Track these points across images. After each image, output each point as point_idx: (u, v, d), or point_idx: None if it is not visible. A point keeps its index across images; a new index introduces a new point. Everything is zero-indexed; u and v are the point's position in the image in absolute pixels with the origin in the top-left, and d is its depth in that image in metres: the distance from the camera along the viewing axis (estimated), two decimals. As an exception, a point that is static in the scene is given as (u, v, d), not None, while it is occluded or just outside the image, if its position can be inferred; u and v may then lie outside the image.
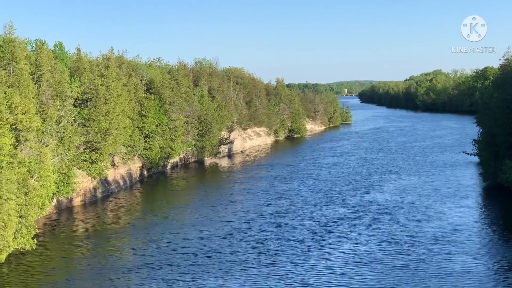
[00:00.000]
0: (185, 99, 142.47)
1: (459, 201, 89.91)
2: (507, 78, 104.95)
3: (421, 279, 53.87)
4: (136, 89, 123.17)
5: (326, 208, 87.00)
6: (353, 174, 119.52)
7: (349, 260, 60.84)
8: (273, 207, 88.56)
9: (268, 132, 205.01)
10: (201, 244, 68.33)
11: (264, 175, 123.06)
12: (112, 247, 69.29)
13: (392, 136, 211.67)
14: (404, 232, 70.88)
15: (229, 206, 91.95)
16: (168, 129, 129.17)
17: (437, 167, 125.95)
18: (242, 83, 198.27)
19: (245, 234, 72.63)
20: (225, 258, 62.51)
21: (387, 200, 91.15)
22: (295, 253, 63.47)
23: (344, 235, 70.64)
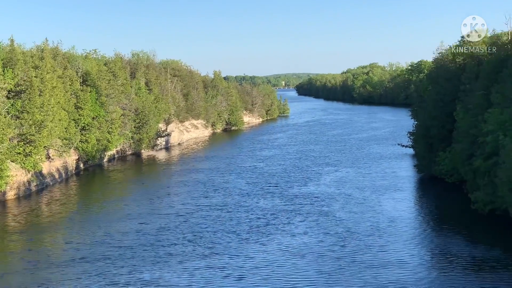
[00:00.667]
0: (122, 92, 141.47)
1: (394, 193, 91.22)
2: (441, 71, 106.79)
3: (357, 270, 54.55)
4: (71, 81, 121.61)
5: (263, 200, 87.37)
6: (290, 167, 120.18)
7: (286, 252, 61.19)
8: (210, 200, 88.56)
9: (206, 124, 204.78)
10: (138, 237, 68.06)
11: (201, 168, 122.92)
12: (46, 241, 68.44)
13: (329, 129, 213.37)
14: (340, 224, 71.60)
15: (166, 198, 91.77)
16: (105, 121, 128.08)
17: (373, 159, 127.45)
18: (179, 75, 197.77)
19: (182, 226, 72.49)
20: (162, 251, 62.36)
21: (324, 192, 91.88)
22: (232, 246, 63.65)
23: (281, 227, 71.03)
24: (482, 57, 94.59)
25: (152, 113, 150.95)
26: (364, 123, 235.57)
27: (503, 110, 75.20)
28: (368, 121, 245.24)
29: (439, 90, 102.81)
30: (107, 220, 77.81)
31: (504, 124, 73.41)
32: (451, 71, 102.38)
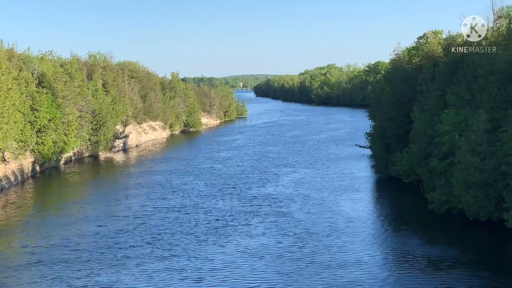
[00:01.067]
0: (79, 93, 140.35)
1: (352, 193, 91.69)
2: (397, 72, 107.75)
3: (316, 271, 54.72)
4: (27, 83, 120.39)
5: (222, 202, 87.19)
6: (249, 168, 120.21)
7: (244, 253, 61.18)
8: (168, 202, 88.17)
9: (164, 126, 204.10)
10: (95, 239, 67.49)
11: (159, 169, 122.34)
12: (2, 245, 67.50)
13: (287, 130, 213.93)
14: (299, 225, 71.75)
15: (124, 200, 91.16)
16: (62, 123, 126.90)
17: (331, 160, 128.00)
18: (137, 77, 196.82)
19: (140, 229, 72.04)
20: (120, 253, 61.92)
21: (282, 193, 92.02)
22: (190, 248, 63.43)
23: (240, 229, 71.00)
24: (438, 58, 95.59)
25: (109, 115, 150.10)
26: (322, 124, 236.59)
27: (458, 111, 76.05)
28: (326, 122, 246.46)
29: (395, 91, 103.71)
30: (64, 223, 76.92)
31: (459, 124, 74.23)
32: (407, 72, 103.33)
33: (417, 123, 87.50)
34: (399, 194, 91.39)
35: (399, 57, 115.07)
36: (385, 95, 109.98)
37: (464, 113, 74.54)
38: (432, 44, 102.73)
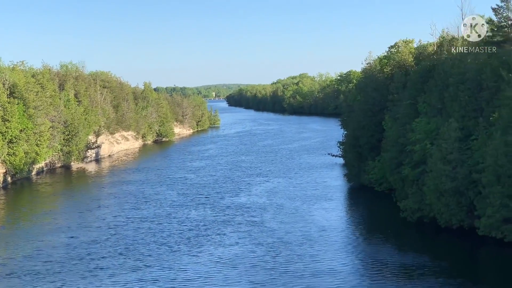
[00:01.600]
0: (51, 103, 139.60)
1: (325, 202, 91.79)
2: (369, 81, 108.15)
3: (289, 280, 54.71)
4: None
5: (195, 211, 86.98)
6: (222, 178, 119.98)
7: (217, 263, 60.99)
8: (141, 212, 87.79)
9: (136, 136, 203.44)
10: (67, 250, 66.98)
11: (131, 179, 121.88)
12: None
13: (260, 139, 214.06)
14: (272, 234, 71.71)
15: (96, 211, 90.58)
16: (33, 134, 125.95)
17: (303, 169, 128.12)
18: (109, 87, 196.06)
19: (112, 239, 71.64)
20: (92, 264, 61.50)
21: (255, 203, 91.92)
22: (163, 258, 63.17)
23: (213, 238, 70.81)
24: (409, 67, 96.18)
25: (81, 125, 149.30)
26: (294, 133, 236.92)
27: (430, 120, 76.54)
28: (299, 131, 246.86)
29: (367, 100, 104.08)
30: (36, 234, 76.27)
31: (431, 133, 74.70)
32: (379, 81, 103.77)
33: (389, 131, 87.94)
34: (371, 202, 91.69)
35: (371, 66, 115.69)
36: (357, 104, 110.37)
37: (435, 121, 75.02)
38: (403, 53, 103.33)
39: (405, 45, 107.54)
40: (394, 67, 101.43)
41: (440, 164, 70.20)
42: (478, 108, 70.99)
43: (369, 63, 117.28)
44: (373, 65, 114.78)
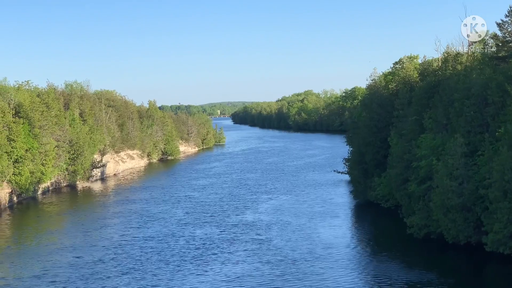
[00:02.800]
0: (56, 123, 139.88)
1: (331, 219, 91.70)
2: (374, 98, 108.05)
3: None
4: (3, 113, 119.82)
5: (200, 230, 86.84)
6: (227, 195, 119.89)
7: (224, 281, 60.87)
8: (147, 230, 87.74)
9: (141, 154, 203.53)
10: (72, 270, 66.84)
11: (136, 198, 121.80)
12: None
13: (265, 156, 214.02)
14: (278, 252, 71.60)
15: (102, 230, 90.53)
16: (39, 153, 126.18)
17: (309, 186, 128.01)
18: (114, 105, 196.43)
19: (118, 258, 71.51)
20: (97, 285, 61.43)
21: (261, 220, 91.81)
22: (169, 277, 63.09)
23: (219, 257, 70.65)
24: (414, 83, 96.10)
25: (86, 144, 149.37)
26: (299, 150, 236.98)
27: (435, 135, 76.43)
28: (304, 148, 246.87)
29: (372, 116, 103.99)
30: (42, 253, 76.25)
31: (437, 149, 74.54)
32: (384, 97, 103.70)
33: (394, 147, 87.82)
34: (378, 219, 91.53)
35: (376, 82, 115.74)
36: (362, 120, 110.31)
37: (441, 137, 74.90)
38: (408, 69, 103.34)
39: (410, 61, 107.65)
40: (399, 83, 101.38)
41: (446, 180, 69.98)
42: (484, 123, 70.87)
43: (374, 79, 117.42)
44: (378, 81, 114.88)
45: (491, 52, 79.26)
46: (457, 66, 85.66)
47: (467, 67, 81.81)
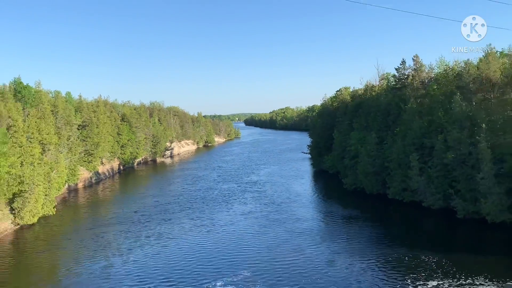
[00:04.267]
0: (145, 125, 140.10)
1: (300, 179, 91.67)
2: (324, 111, 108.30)
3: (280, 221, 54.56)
4: (115, 119, 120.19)
5: (226, 185, 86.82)
6: (241, 166, 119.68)
7: (239, 214, 61.00)
8: (196, 185, 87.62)
9: (193, 142, 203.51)
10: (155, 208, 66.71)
11: (190, 167, 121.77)
12: (102, 212, 67.12)
13: (263, 143, 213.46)
14: (269, 197, 71.69)
15: (171, 184, 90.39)
16: (135, 142, 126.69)
17: (288, 160, 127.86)
18: (177, 115, 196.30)
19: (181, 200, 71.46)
20: (168, 215, 61.23)
21: (260, 180, 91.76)
22: (210, 212, 63.14)
23: (236, 200, 70.78)
24: (347, 102, 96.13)
25: (162, 137, 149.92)
26: (282, 140, 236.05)
27: (360, 132, 76.57)
28: (285, 139, 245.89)
29: (323, 121, 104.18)
30: (139, 197, 76.40)
31: (360, 140, 74.67)
32: (330, 111, 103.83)
33: (336, 139, 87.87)
34: (326, 179, 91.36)
35: (326, 102, 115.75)
36: (318, 124, 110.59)
37: (363, 133, 75.03)
38: (344, 94, 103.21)
39: (345, 90, 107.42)
40: (339, 102, 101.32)
41: (365, 157, 70.18)
42: (387, 126, 70.89)
43: (324, 100, 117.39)
44: (327, 101, 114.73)
45: (392, 85, 79.09)
46: (372, 93, 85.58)
47: (378, 93, 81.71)
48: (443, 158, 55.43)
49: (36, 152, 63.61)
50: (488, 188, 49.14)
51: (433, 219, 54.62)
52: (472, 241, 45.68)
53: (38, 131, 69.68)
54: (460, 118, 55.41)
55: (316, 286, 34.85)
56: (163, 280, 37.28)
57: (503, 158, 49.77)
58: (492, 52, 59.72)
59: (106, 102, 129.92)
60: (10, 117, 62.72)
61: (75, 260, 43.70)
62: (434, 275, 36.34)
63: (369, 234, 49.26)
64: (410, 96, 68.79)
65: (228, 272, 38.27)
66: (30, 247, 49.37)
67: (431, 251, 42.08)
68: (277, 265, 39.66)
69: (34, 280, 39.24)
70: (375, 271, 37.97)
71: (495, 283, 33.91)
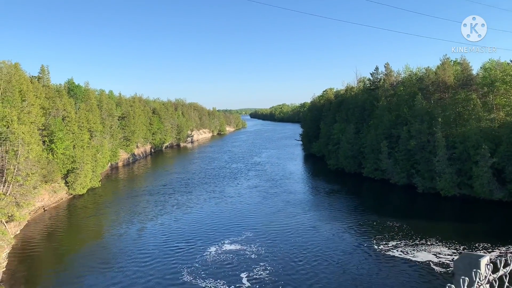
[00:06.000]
0: (171, 117, 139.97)
1: (293, 161, 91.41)
2: (314, 107, 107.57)
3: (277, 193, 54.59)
4: (147, 112, 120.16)
5: (235, 165, 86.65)
6: (247, 150, 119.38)
7: (244, 188, 60.92)
8: (211, 165, 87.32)
9: (209, 131, 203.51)
10: (178, 181, 66.78)
11: (207, 150, 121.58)
12: (137, 185, 67.31)
13: (264, 132, 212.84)
14: (268, 175, 71.44)
15: (191, 163, 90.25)
16: (163, 130, 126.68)
17: (283, 146, 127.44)
18: (196, 109, 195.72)
19: (199, 176, 71.34)
20: (190, 187, 61.18)
21: (262, 161, 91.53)
22: (221, 186, 63.07)
23: (243, 176, 70.63)
24: (332, 100, 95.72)
25: (184, 126, 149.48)
26: (279, 130, 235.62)
27: (341, 124, 76.26)
28: (281, 129, 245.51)
29: (312, 115, 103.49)
30: (166, 174, 76.27)
31: (341, 130, 74.42)
32: (318, 107, 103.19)
33: (322, 129, 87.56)
34: (314, 161, 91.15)
35: (314, 99, 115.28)
36: (308, 117, 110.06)
37: (344, 125, 74.76)
38: (329, 94, 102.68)
39: (330, 90, 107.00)
40: (325, 100, 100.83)
41: (345, 144, 70.07)
42: (363, 119, 70.63)
43: (313, 98, 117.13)
44: (315, 99, 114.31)
45: (367, 86, 78.73)
46: (351, 92, 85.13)
47: (356, 93, 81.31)
48: (407, 144, 55.51)
49: (85, 138, 63.90)
50: (442, 168, 49.27)
51: (398, 193, 54.77)
52: (428, 211, 45.87)
53: (87, 121, 69.87)
54: (421, 113, 55.35)
55: (304, 243, 35.18)
56: (183, 238, 37.68)
57: (455, 145, 49.87)
58: (447, 61, 59.36)
59: (141, 99, 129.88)
60: (65, 110, 62.91)
61: (115, 223, 44.19)
62: (395, 236, 36.62)
63: (347, 204, 49.49)
64: (382, 95, 68.55)
65: (234, 233, 38.62)
66: (80, 212, 49.89)
67: (395, 218, 42.30)
68: (274, 228, 39.97)
69: (84, 238, 39.77)
70: (350, 233, 38.25)
71: (444, 244, 34.14)
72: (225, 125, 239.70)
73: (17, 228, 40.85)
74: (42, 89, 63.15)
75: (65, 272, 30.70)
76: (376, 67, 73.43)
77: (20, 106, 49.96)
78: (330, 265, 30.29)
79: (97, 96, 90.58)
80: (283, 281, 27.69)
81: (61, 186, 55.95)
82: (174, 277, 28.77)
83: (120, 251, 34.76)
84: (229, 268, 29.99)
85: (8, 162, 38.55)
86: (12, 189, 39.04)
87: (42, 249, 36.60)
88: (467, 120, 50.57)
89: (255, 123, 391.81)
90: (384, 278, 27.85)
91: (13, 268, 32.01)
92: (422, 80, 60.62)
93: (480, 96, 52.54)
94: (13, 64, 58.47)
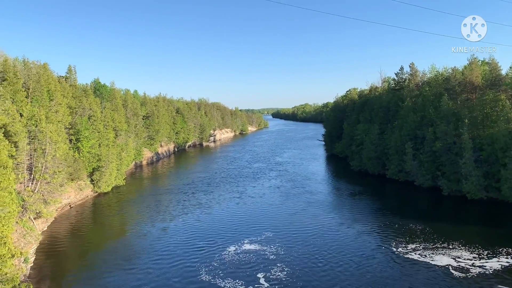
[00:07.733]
0: (194, 116, 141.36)
1: (315, 161, 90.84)
2: (336, 107, 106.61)
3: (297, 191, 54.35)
4: (171, 112, 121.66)
5: (256, 164, 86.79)
6: (268, 150, 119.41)
7: (266, 188, 60.86)
8: (232, 164, 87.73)
9: (231, 131, 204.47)
10: (200, 179, 67.38)
11: (229, 150, 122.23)
12: (160, 183, 68.19)
13: (286, 132, 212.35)
14: (290, 176, 71.19)
15: (214, 161, 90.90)
16: (186, 129, 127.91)
17: (305, 146, 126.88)
18: (219, 108, 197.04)
19: (221, 175, 71.79)
20: (211, 187, 61.55)
21: (283, 161, 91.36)
22: (243, 185, 63.23)
23: (264, 176, 70.61)
24: (355, 100, 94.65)
25: (207, 125, 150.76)
26: (301, 130, 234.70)
27: (365, 125, 75.35)
28: (304, 129, 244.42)
29: (335, 115, 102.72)
30: (188, 172, 77.05)
31: (365, 131, 73.51)
32: (341, 107, 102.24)
33: (345, 130, 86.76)
34: (337, 161, 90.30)
35: (337, 99, 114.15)
36: (331, 117, 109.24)
37: (368, 126, 73.81)
38: (353, 94, 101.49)
39: (354, 90, 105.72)
40: (348, 100, 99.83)
41: (369, 145, 69.17)
42: (388, 120, 69.59)
43: (336, 98, 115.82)
44: (338, 99, 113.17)
45: (391, 87, 77.47)
46: (376, 93, 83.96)
47: (380, 93, 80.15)
48: (432, 146, 54.30)
49: (110, 136, 65.18)
50: (469, 171, 48.01)
51: (422, 195, 53.64)
52: (452, 214, 44.73)
53: (112, 120, 71.28)
54: (447, 114, 54.05)
55: (325, 245, 34.88)
56: (204, 237, 37.95)
57: (482, 147, 48.52)
58: (475, 61, 57.79)
59: (165, 98, 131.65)
60: (91, 109, 64.33)
61: (138, 220, 44.91)
62: (416, 239, 35.94)
63: (369, 206, 48.80)
64: (407, 96, 67.30)
65: (254, 233, 38.64)
66: (105, 210, 50.91)
67: (418, 220, 41.44)
68: (294, 229, 39.79)
69: (108, 235, 40.56)
70: (372, 235, 37.70)
71: (466, 248, 33.23)
72: (247, 124, 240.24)
73: (45, 225, 42.04)
74: (69, 89, 64.72)
75: (89, 269, 31.41)
76: (401, 67, 72.19)
77: (48, 106, 51.34)
78: (349, 268, 29.96)
79: (122, 95, 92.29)
80: (301, 282, 27.56)
81: (86, 184, 57.26)
82: (193, 275, 29.08)
83: (142, 249, 35.31)
84: (247, 268, 30.05)
85: (36, 160, 39.70)
86: (40, 186, 40.20)
87: (68, 245, 37.55)
88: (495, 122, 49.09)
89: (277, 123, 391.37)
90: (401, 280, 27.31)
91: (41, 264, 32.95)
92: (449, 80, 59.15)
93: (509, 97, 50.90)
94: (42, 65, 60.24)
